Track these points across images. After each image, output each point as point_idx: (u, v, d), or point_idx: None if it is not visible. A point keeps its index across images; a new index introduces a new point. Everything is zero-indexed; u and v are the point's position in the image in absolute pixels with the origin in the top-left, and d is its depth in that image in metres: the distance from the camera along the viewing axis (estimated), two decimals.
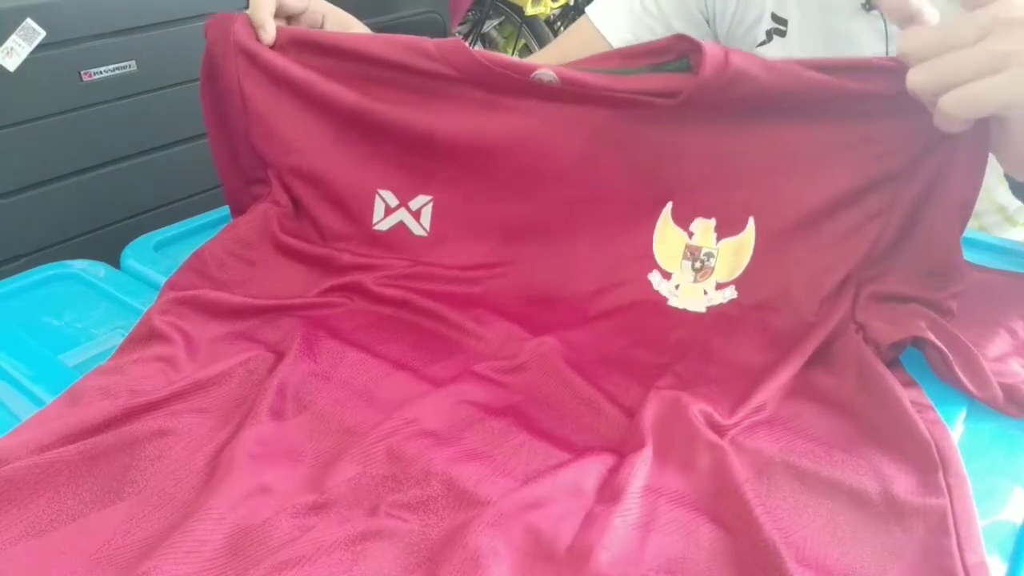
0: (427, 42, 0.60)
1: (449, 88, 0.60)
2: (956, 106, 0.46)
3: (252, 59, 0.61)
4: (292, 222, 0.64)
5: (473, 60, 0.58)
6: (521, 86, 0.58)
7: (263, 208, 0.63)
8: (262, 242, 0.62)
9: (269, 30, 0.62)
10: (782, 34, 0.81)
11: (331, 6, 0.69)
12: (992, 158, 0.53)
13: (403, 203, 0.63)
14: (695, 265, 0.58)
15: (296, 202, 0.64)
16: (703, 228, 0.58)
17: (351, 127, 0.63)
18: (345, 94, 0.62)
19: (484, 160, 0.61)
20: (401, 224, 0.63)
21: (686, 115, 0.56)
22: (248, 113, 0.62)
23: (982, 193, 0.52)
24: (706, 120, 0.56)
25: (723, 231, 0.58)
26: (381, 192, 0.63)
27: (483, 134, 0.60)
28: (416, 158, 0.62)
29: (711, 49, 0.52)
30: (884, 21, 0.73)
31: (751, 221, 0.57)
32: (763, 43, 0.82)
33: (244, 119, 0.63)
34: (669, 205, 0.59)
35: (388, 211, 0.64)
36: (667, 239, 0.59)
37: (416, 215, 0.63)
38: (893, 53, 0.73)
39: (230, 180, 0.67)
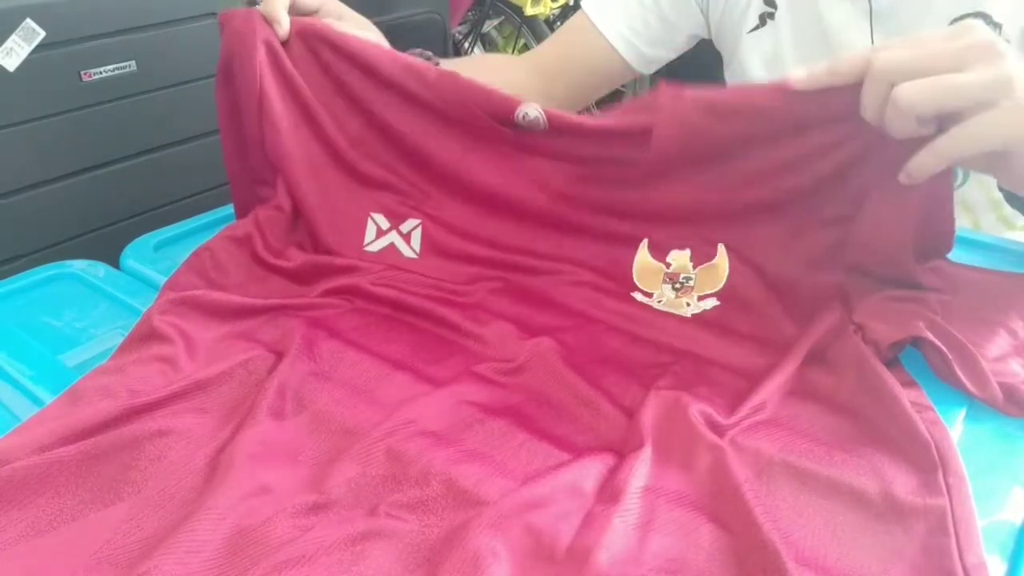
0: (429, 70, 0.60)
1: (439, 121, 0.61)
2: (958, 143, 0.46)
3: (273, 61, 0.62)
4: (291, 230, 0.64)
5: (461, 103, 0.59)
6: (500, 138, 0.60)
7: (265, 213, 0.63)
8: (259, 245, 0.62)
9: (284, 24, 0.62)
10: (772, 17, 0.81)
11: (346, 8, 0.69)
12: None
13: (394, 226, 0.64)
14: (675, 286, 0.60)
15: (297, 210, 0.64)
16: (679, 258, 0.60)
17: (351, 149, 0.64)
18: (348, 117, 0.63)
19: (470, 194, 0.63)
20: (392, 246, 0.64)
21: (654, 163, 0.57)
22: (263, 112, 0.62)
23: (978, 184, 0.52)
24: (672, 163, 0.57)
25: (699, 260, 0.60)
26: (374, 215, 0.65)
27: (469, 172, 0.62)
28: (409, 183, 0.64)
29: (665, 95, 0.54)
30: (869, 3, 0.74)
31: (721, 248, 0.59)
32: (755, 28, 0.83)
33: (259, 117, 0.62)
34: (645, 241, 0.61)
35: (380, 233, 0.64)
36: (646, 269, 0.61)
37: (407, 238, 0.64)
38: (878, 33, 0.74)
39: (239, 179, 0.67)
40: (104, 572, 0.39)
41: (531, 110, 0.57)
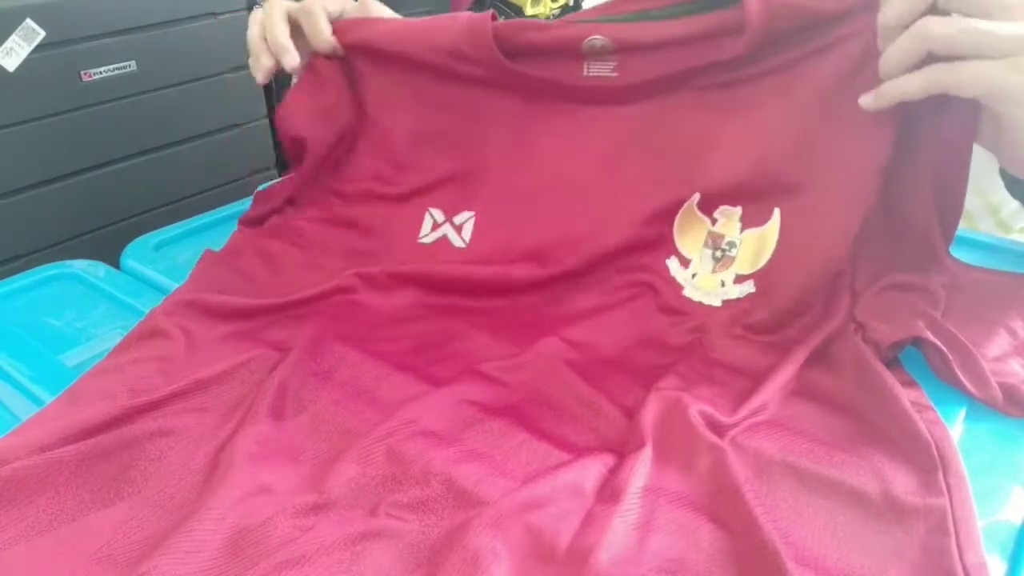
0: (463, 41, 0.59)
1: (488, 94, 0.61)
2: (951, 76, 0.45)
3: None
4: (326, 236, 0.65)
5: (503, 68, 0.58)
6: (558, 90, 0.58)
7: (300, 226, 0.65)
8: (281, 248, 0.64)
9: (334, 48, 0.63)
10: None
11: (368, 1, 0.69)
12: (985, 155, 0.53)
13: (448, 219, 0.65)
14: (715, 254, 0.57)
15: (349, 220, 0.66)
16: (727, 216, 0.58)
17: (406, 151, 0.64)
18: (401, 117, 0.63)
19: (522, 171, 0.62)
20: (444, 237, 0.65)
21: (715, 103, 0.56)
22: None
23: (975, 190, 0.52)
24: (734, 110, 0.56)
25: (748, 221, 0.57)
26: (431, 210, 0.65)
27: (520, 145, 0.62)
28: (463, 176, 0.64)
29: None
30: None
31: (776, 212, 0.56)
32: None
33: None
34: (696, 195, 0.58)
35: (435, 227, 0.65)
36: (689, 225, 0.59)
37: (459, 229, 0.64)
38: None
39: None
40: (104, 572, 0.39)
41: (597, 40, 0.56)
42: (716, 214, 0.58)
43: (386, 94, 0.64)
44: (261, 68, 0.64)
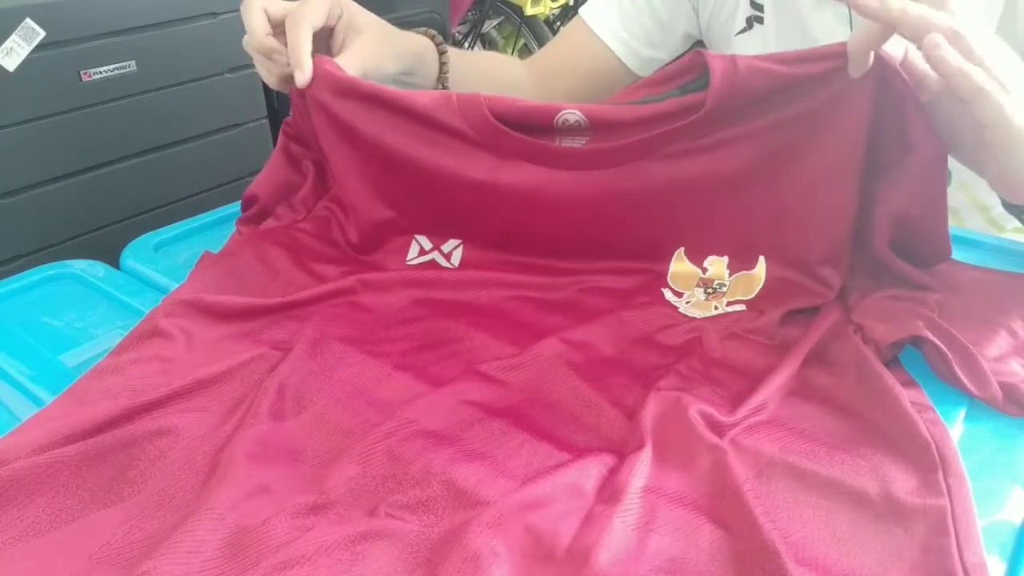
0: (447, 97, 0.59)
1: (469, 147, 0.61)
2: (987, 93, 0.46)
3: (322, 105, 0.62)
4: (320, 246, 0.66)
5: (488, 123, 0.59)
6: (534, 152, 0.59)
7: (296, 234, 0.65)
8: (279, 254, 0.64)
9: (307, 70, 0.60)
10: (760, 21, 0.81)
11: (359, 10, 0.67)
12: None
13: (436, 247, 0.65)
14: (707, 291, 0.60)
15: (341, 237, 0.66)
16: (717, 264, 0.61)
17: (387, 173, 0.63)
18: (379, 146, 0.62)
19: (504, 214, 0.63)
20: (432, 261, 0.65)
21: (694, 162, 0.57)
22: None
23: (960, 187, 0.53)
24: (713, 168, 0.57)
25: (736, 267, 0.60)
26: (418, 237, 0.66)
27: (501, 192, 0.61)
28: (447, 207, 0.64)
29: (716, 59, 0.54)
30: (848, 7, 0.74)
31: (761, 260, 0.60)
32: (743, 31, 0.82)
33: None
34: (681, 250, 0.61)
35: (423, 252, 0.66)
36: (681, 273, 0.61)
37: (448, 256, 0.65)
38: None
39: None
40: (104, 572, 0.39)
41: (571, 114, 0.58)
42: (706, 263, 0.61)
43: (361, 124, 0.62)
44: (266, 77, 0.64)
